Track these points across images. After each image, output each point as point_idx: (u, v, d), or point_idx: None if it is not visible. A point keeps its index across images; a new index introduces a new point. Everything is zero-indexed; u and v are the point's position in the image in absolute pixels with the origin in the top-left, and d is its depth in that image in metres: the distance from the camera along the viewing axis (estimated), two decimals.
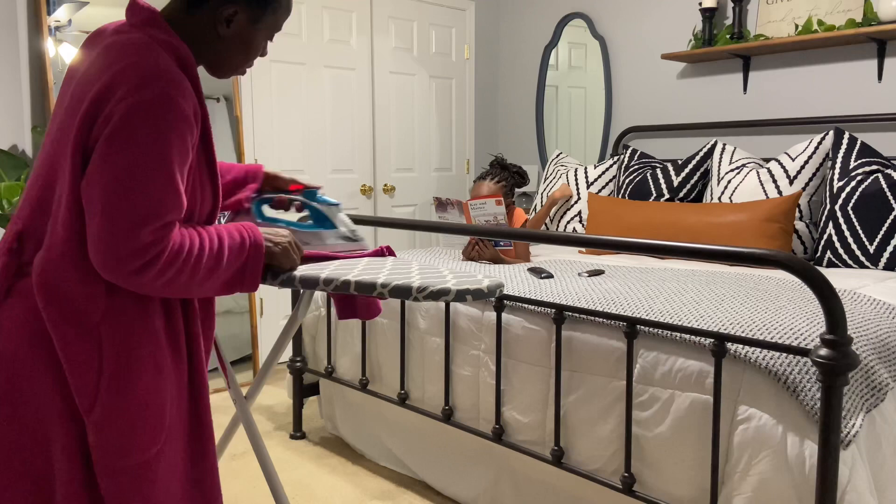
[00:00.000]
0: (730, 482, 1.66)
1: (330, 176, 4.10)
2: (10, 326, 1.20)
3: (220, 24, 1.28)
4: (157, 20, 1.25)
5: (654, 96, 4.06)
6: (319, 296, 2.90)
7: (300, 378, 2.98)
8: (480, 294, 1.42)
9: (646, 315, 1.88)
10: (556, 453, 2.00)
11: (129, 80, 1.15)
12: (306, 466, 2.69)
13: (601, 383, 1.92)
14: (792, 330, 1.71)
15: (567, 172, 3.85)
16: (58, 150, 1.22)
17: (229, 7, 1.27)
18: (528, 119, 4.75)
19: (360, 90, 4.19)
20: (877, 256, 2.77)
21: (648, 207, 3.27)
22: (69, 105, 1.22)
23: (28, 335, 1.19)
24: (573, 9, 4.42)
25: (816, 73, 3.46)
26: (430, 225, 2.18)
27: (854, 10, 3.24)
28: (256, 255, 1.31)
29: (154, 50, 1.20)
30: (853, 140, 2.99)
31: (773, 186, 3.05)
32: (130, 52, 1.19)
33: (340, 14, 4.07)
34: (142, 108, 1.13)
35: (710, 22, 3.65)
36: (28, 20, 3.09)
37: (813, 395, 1.55)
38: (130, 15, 1.27)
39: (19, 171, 2.97)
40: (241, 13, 1.28)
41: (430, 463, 2.49)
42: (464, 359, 2.30)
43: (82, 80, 1.22)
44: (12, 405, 1.20)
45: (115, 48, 1.21)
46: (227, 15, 1.27)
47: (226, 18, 1.28)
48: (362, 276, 1.44)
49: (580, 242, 1.85)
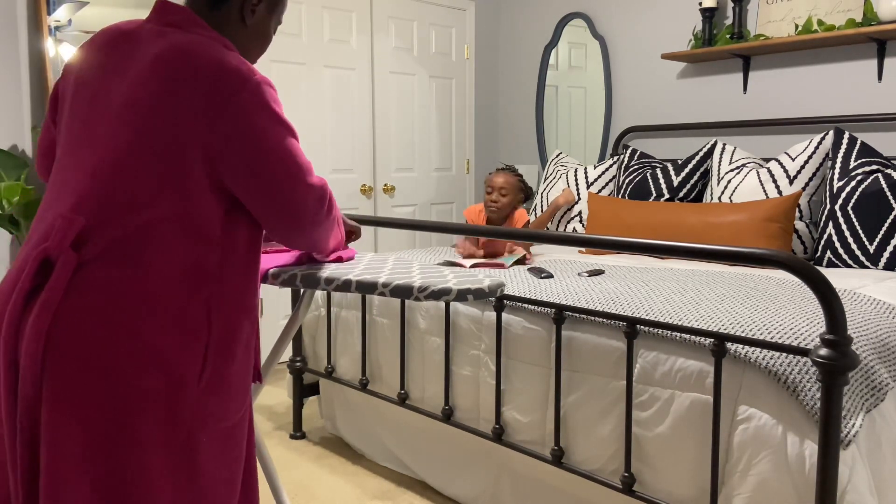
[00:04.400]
0: (730, 482, 1.66)
1: (330, 176, 4.10)
2: (75, 322, 1.16)
3: (248, 16, 1.36)
4: (196, 20, 1.31)
5: (654, 96, 4.06)
6: (319, 296, 2.90)
7: (300, 378, 2.98)
8: (481, 294, 1.42)
9: (646, 315, 1.88)
10: (556, 453, 2.00)
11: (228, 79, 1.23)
12: (306, 466, 2.69)
13: (601, 383, 1.92)
14: (792, 330, 1.71)
15: (567, 172, 3.85)
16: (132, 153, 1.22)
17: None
18: (528, 119, 4.75)
19: (360, 90, 4.19)
20: (877, 256, 2.78)
21: (648, 207, 3.27)
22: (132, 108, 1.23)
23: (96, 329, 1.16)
24: (573, 9, 4.42)
25: (816, 73, 3.46)
26: (430, 225, 2.18)
27: (854, 10, 3.24)
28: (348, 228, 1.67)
29: (218, 47, 1.28)
30: (853, 140, 2.99)
31: (773, 186, 3.05)
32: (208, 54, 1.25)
33: (340, 14, 4.07)
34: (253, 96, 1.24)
35: (710, 22, 3.65)
36: (28, 20, 3.09)
37: (813, 395, 1.55)
38: (165, 14, 1.31)
39: (19, 171, 2.96)
40: (262, 3, 1.38)
41: (430, 463, 2.49)
42: (464, 359, 2.30)
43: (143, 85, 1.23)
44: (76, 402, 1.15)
45: (182, 52, 1.24)
46: (252, 6, 1.36)
47: (251, 9, 1.36)
48: (363, 276, 1.44)
49: (580, 242, 1.85)
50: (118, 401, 1.16)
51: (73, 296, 1.17)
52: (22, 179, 2.94)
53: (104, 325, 1.16)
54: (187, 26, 1.29)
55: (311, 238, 1.38)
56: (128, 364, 1.17)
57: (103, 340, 1.16)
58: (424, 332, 2.44)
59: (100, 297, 1.17)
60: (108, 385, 1.16)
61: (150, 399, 1.18)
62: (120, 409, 1.16)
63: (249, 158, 1.25)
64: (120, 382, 1.16)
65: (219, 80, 1.22)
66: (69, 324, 1.16)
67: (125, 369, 1.17)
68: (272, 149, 1.26)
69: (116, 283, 1.18)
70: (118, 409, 1.16)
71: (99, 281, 1.18)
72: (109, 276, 1.18)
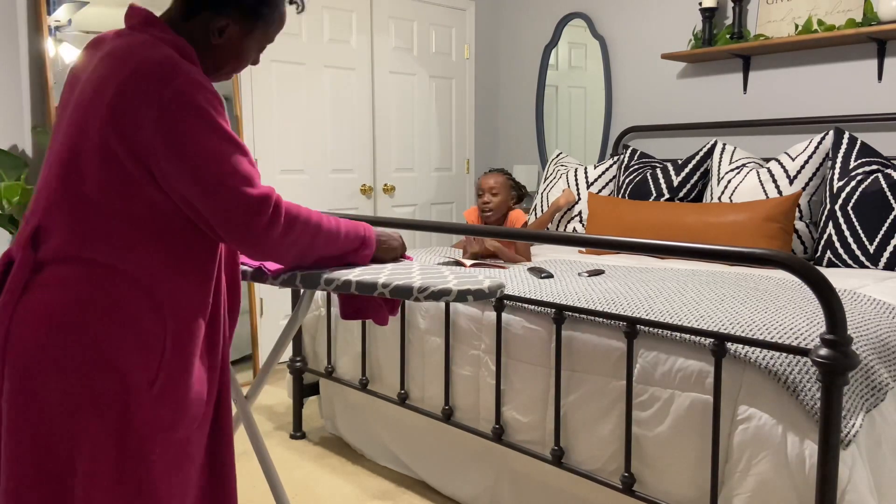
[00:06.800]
0: (730, 482, 1.66)
1: (330, 176, 4.10)
2: (32, 319, 1.20)
3: (213, 34, 1.34)
4: (156, 22, 1.31)
5: (654, 96, 4.06)
6: (319, 296, 2.90)
7: (300, 378, 2.98)
8: (481, 294, 1.42)
9: (646, 315, 1.88)
10: (556, 453, 2.00)
11: (150, 75, 1.20)
12: (306, 466, 2.69)
13: (601, 383, 1.92)
14: (792, 330, 1.71)
15: (567, 172, 3.85)
16: (75, 152, 1.24)
17: (221, 20, 1.33)
18: (528, 119, 4.75)
19: (360, 90, 4.19)
20: (877, 256, 2.78)
21: (648, 207, 3.27)
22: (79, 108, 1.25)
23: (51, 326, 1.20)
24: (573, 9, 4.42)
25: (816, 72, 3.46)
26: (430, 225, 2.18)
27: (854, 9, 3.24)
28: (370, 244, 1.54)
29: (160, 45, 1.25)
30: (853, 140, 2.99)
31: (773, 186, 3.05)
32: (139, 50, 1.24)
33: (340, 14, 4.07)
34: (179, 95, 1.20)
35: (710, 22, 3.65)
36: (28, 20, 3.09)
37: (813, 395, 1.55)
38: (129, 19, 1.33)
39: (19, 171, 2.96)
40: (233, 25, 1.34)
41: (430, 463, 2.49)
42: (464, 359, 2.30)
43: (91, 84, 1.25)
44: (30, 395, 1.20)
45: (120, 49, 1.26)
46: (219, 27, 1.33)
47: (217, 29, 1.33)
48: (363, 276, 1.44)
49: (580, 242, 1.85)
50: (69, 401, 1.19)
51: (29, 296, 1.22)
52: (22, 179, 2.94)
53: (57, 326, 1.20)
54: (143, 28, 1.31)
55: (255, 249, 1.30)
56: (79, 365, 1.19)
57: (56, 341, 1.19)
58: (424, 332, 2.44)
59: (53, 298, 1.21)
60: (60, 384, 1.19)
61: (101, 402, 1.20)
62: (72, 409, 1.19)
63: (173, 159, 1.21)
64: (72, 382, 1.19)
65: (144, 77, 1.20)
66: (25, 323, 1.20)
67: (77, 370, 1.19)
68: (195, 152, 1.21)
69: (70, 283, 1.21)
70: (69, 410, 1.19)
71: (53, 281, 1.22)
72: (63, 276, 1.22)
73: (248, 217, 1.25)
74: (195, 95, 1.21)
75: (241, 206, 1.24)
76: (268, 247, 1.31)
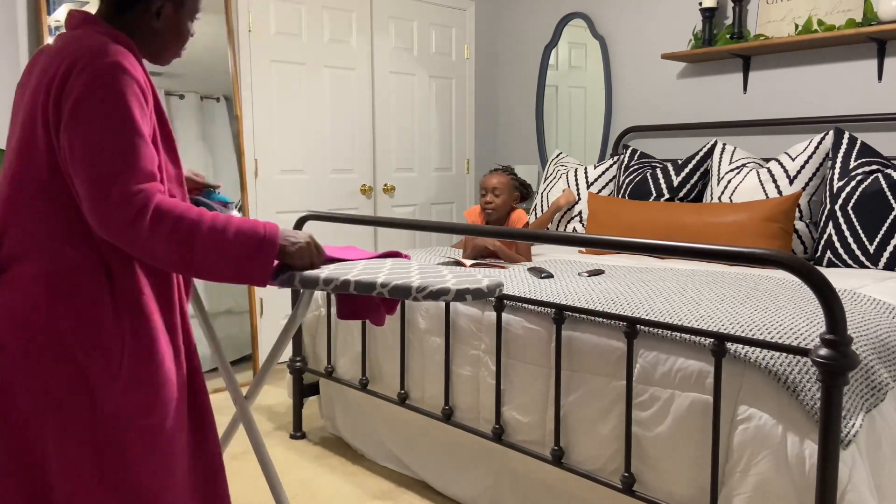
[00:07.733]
0: (730, 482, 1.66)
1: (330, 176, 4.10)
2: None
3: (153, 19, 1.39)
4: (92, 20, 1.37)
5: (654, 96, 4.06)
6: (319, 296, 2.90)
7: (300, 378, 2.98)
8: (480, 294, 1.42)
9: (646, 315, 1.88)
10: (556, 453, 2.00)
11: (82, 57, 1.24)
12: (306, 466, 2.69)
13: (601, 383, 1.92)
14: (792, 330, 1.71)
15: (567, 172, 3.85)
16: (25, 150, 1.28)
17: (156, 2, 1.38)
18: (528, 119, 4.75)
19: (360, 90, 4.19)
20: (877, 256, 2.77)
21: (648, 207, 3.27)
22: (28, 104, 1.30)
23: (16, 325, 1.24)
24: (573, 9, 4.42)
25: (816, 72, 3.46)
26: (430, 225, 2.18)
27: (854, 10, 3.24)
28: (270, 246, 1.31)
29: (97, 36, 1.30)
30: (853, 140, 2.99)
31: (773, 186, 3.05)
32: (77, 42, 1.29)
33: (340, 14, 4.07)
34: (98, 74, 1.22)
35: (710, 22, 3.65)
36: (28, 20, 3.09)
37: (813, 395, 1.55)
38: (68, 21, 1.39)
39: None
40: (168, 4, 1.39)
41: (430, 463, 2.49)
42: (464, 359, 2.30)
43: (36, 80, 1.30)
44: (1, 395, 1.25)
45: (60, 47, 1.31)
46: (156, 8, 1.38)
47: (155, 12, 1.38)
48: (362, 276, 1.44)
49: (580, 242, 1.85)
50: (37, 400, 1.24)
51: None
52: None
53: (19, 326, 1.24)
54: (82, 25, 1.35)
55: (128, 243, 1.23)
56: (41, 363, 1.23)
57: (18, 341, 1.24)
58: (424, 332, 2.43)
59: (13, 294, 1.26)
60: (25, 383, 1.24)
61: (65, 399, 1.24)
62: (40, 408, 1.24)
63: (70, 138, 1.22)
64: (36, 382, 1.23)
65: (78, 61, 1.24)
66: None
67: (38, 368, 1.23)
68: (91, 132, 1.21)
69: (30, 282, 1.25)
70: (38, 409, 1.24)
71: (13, 278, 1.27)
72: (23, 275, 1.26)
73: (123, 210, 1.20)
74: (110, 76, 1.23)
75: (113, 195, 1.20)
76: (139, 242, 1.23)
